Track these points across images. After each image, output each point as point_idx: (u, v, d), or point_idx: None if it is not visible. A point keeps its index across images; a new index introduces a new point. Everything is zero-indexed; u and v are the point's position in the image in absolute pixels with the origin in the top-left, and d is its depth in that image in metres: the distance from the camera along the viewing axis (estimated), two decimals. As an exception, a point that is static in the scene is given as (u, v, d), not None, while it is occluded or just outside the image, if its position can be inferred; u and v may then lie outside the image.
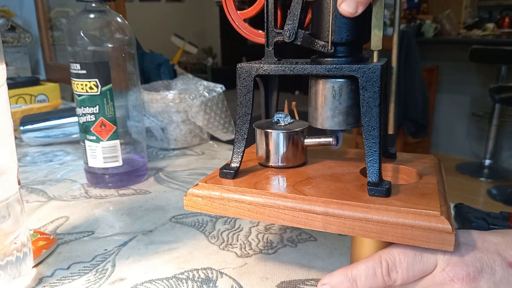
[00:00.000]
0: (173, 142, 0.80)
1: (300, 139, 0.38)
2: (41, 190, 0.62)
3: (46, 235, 0.46)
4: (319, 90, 0.34)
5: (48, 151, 0.81)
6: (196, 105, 0.77)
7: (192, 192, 0.35)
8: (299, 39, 0.34)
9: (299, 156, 0.39)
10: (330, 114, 0.34)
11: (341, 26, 0.31)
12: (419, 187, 0.33)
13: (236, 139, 0.37)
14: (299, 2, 0.33)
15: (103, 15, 0.58)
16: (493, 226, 0.44)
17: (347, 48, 0.33)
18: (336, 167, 0.38)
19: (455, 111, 3.17)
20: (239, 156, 0.37)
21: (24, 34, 1.82)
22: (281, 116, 0.39)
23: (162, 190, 0.61)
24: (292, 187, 0.34)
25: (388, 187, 0.31)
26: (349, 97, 0.34)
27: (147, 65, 2.28)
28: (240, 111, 0.36)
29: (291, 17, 0.34)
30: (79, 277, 0.40)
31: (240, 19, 0.38)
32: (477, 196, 2.59)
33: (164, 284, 0.39)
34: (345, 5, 0.29)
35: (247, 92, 0.35)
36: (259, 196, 0.33)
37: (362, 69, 0.31)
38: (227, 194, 0.34)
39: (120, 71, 0.59)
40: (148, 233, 0.49)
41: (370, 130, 0.32)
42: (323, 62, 0.33)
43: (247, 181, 0.36)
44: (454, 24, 3.19)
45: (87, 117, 0.58)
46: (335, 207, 0.30)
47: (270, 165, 0.38)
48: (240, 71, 0.35)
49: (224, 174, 0.36)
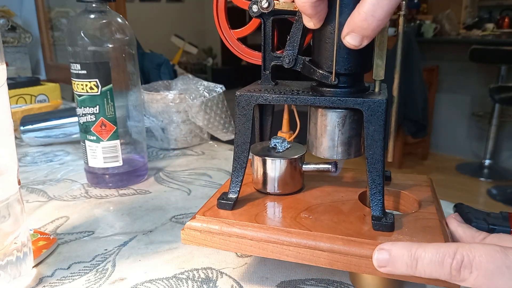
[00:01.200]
0: (173, 142, 0.80)
1: (299, 165, 0.37)
2: (41, 190, 0.62)
3: (46, 235, 0.46)
4: (320, 119, 0.34)
5: (48, 151, 0.81)
6: (196, 105, 0.77)
7: (190, 225, 0.34)
8: (298, 65, 0.34)
9: (297, 183, 0.38)
10: (332, 144, 0.34)
11: (344, 57, 0.31)
12: (421, 219, 0.32)
13: (234, 168, 0.35)
14: (299, 28, 0.33)
15: (103, 15, 0.58)
16: (493, 226, 0.44)
17: (349, 78, 0.32)
18: (334, 193, 0.38)
19: (455, 111, 3.17)
20: (238, 186, 0.36)
21: (24, 34, 1.82)
22: (278, 141, 0.38)
23: (162, 190, 0.61)
24: (294, 220, 0.33)
25: (392, 221, 0.31)
26: (351, 128, 0.33)
27: (147, 65, 2.28)
28: (238, 140, 0.35)
29: (291, 43, 0.33)
30: (79, 277, 0.40)
31: (234, 38, 0.37)
32: (477, 196, 2.59)
33: (164, 284, 0.39)
34: (349, 38, 0.28)
35: (247, 120, 0.34)
36: (261, 231, 0.32)
37: (367, 103, 0.30)
38: (227, 228, 0.33)
39: (120, 71, 0.59)
40: (148, 233, 0.49)
41: (374, 163, 0.31)
42: (326, 92, 0.32)
43: (247, 212, 0.34)
44: (454, 24, 3.19)
45: (87, 117, 0.58)
46: (340, 243, 0.30)
47: (268, 191, 0.37)
48: (239, 99, 0.34)
49: (222, 205, 0.35)
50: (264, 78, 0.36)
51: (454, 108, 3.17)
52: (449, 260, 0.26)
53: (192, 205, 0.56)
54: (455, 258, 0.26)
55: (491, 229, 0.45)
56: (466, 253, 0.26)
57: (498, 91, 2.64)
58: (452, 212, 0.50)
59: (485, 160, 2.94)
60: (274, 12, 0.34)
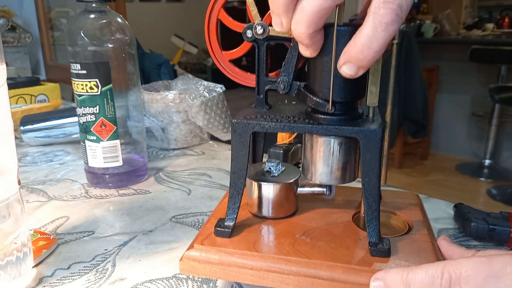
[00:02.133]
0: (173, 142, 0.80)
1: (294, 188, 0.38)
2: (41, 190, 0.62)
3: (46, 235, 0.46)
4: (316, 145, 0.34)
5: (48, 151, 0.81)
6: (196, 105, 0.77)
7: (188, 255, 0.34)
8: (293, 91, 0.34)
9: (292, 206, 0.38)
10: (328, 170, 0.34)
11: (340, 85, 0.31)
12: (414, 241, 0.34)
13: (231, 195, 0.35)
14: (294, 55, 0.33)
15: (103, 15, 0.58)
16: (493, 226, 0.44)
17: (344, 106, 0.32)
18: (328, 215, 0.38)
19: (455, 111, 3.17)
20: (235, 213, 0.35)
21: (24, 34, 1.82)
22: (273, 164, 0.38)
23: (162, 190, 0.61)
24: (292, 247, 0.33)
25: (388, 247, 0.32)
26: (347, 154, 0.34)
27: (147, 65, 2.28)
28: (235, 166, 0.34)
29: (286, 69, 0.33)
30: (79, 277, 0.40)
31: (226, 60, 0.37)
32: (477, 196, 2.59)
33: (164, 284, 0.39)
34: (346, 68, 0.28)
35: (244, 147, 0.34)
36: (261, 260, 0.32)
37: (364, 132, 0.31)
38: (227, 257, 0.33)
39: (120, 71, 0.59)
40: (148, 233, 0.49)
41: (371, 190, 0.32)
42: (321, 120, 0.32)
43: (244, 240, 0.34)
44: (454, 24, 3.19)
45: (87, 117, 0.58)
46: (340, 271, 0.30)
47: (263, 215, 0.38)
48: (236, 127, 0.33)
49: (220, 233, 0.35)
50: (258, 102, 0.36)
51: (454, 108, 3.17)
52: (438, 280, 0.26)
53: (192, 205, 0.56)
54: (443, 278, 0.26)
55: (491, 229, 0.45)
56: (453, 270, 0.26)
57: (498, 91, 2.64)
58: (452, 212, 0.50)
59: (485, 160, 2.94)
60: (268, 38, 0.34)
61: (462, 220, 0.47)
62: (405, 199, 0.41)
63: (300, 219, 0.37)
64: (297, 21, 0.28)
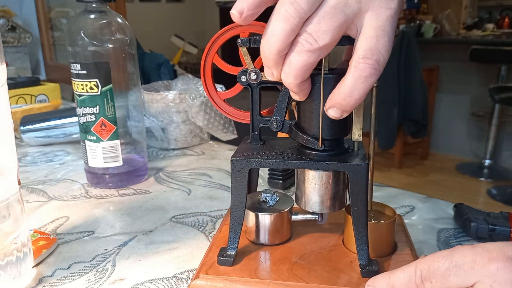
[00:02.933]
0: (173, 142, 0.80)
1: (288, 216, 0.41)
2: (41, 190, 0.62)
3: (46, 235, 0.46)
4: (308, 178, 0.37)
5: (48, 151, 0.81)
6: (196, 105, 0.77)
7: (195, 284, 0.36)
8: (285, 129, 0.37)
9: (287, 232, 0.41)
10: (319, 200, 0.37)
11: (328, 125, 0.34)
12: (399, 262, 0.37)
13: (231, 226, 0.38)
14: (285, 97, 0.36)
15: (103, 15, 0.58)
16: (493, 226, 0.44)
17: (332, 142, 0.36)
18: (320, 239, 0.41)
19: (455, 111, 3.17)
20: (236, 242, 0.38)
21: (24, 34, 1.82)
22: (268, 195, 0.41)
23: (162, 190, 0.61)
24: (291, 272, 0.36)
25: (377, 268, 0.35)
26: (336, 185, 0.37)
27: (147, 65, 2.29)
28: (234, 200, 0.37)
29: (278, 110, 0.37)
30: (79, 277, 0.40)
31: (221, 100, 0.41)
32: (477, 196, 2.59)
33: (164, 284, 0.39)
34: (331, 111, 0.32)
35: (242, 182, 0.37)
36: (263, 286, 0.35)
37: (352, 166, 0.34)
38: (231, 285, 0.35)
39: (120, 71, 0.59)
40: (148, 233, 0.49)
41: (360, 217, 0.35)
42: (312, 156, 0.36)
43: (246, 267, 0.37)
44: (454, 24, 3.19)
45: (87, 117, 0.58)
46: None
47: (261, 242, 0.41)
48: (235, 164, 0.36)
49: (223, 262, 0.37)
50: (253, 138, 0.40)
51: (454, 108, 3.17)
52: (413, 278, 0.30)
53: (192, 205, 0.56)
54: (416, 275, 0.30)
55: (491, 229, 0.45)
56: (422, 266, 0.29)
57: (498, 91, 2.64)
58: (453, 212, 0.50)
59: (485, 160, 2.94)
60: (261, 82, 0.38)
61: (462, 220, 0.47)
62: None
63: (295, 244, 0.41)
64: (286, 74, 0.31)
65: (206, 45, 0.39)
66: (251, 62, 0.38)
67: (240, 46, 0.36)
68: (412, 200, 0.56)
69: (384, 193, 0.59)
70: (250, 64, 0.38)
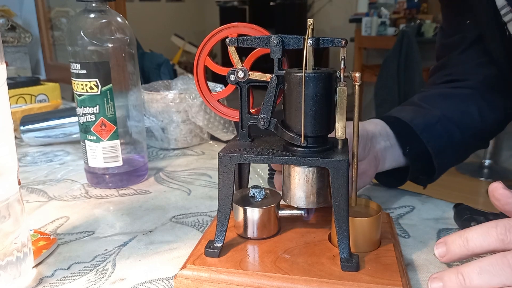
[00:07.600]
0: (173, 142, 0.80)
1: (275, 211, 0.42)
2: (41, 190, 0.62)
3: (46, 235, 0.46)
4: (293, 174, 0.39)
5: (48, 151, 0.81)
6: (196, 105, 0.77)
7: (182, 274, 0.37)
8: (272, 126, 0.39)
9: (274, 227, 0.42)
10: (304, 195, 0.39)
11: (311, 122, 0.36)
12: (381, 257, 0.38)
13: (219, 219, 0.39)
14: (271, 96, 0.38)
15: (103, 15, 0.58)
16: (493, 226, 0.44)
17: (316, 139, 0.37)
18: (307, 234, 0.42)
19: (455, 111, 3.16)
20: (223, 235, 0.39)
21: (24, 34, 1.82)
22: (257, 191, 0.43)
23: (162, 190, 0.61)
24: (274, 264, 0.37)
25: (357, 262, 0.36)
26: (319, 180, 0.38)
27: (147, 65, 2.29)
28: (222, 193, 0.39)
29: (265, 108, 0.38)
30: (79, 277, 0.40)
31: (214, 100, 0.42)
32: (477, 196, 2.59)
33: (164, 284, 0.39)
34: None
35: (229, 177, 0.38)
36: (246, 276, 0.36)
37: (332, 162, 0.35)
38: (216, 275, 0.37)
39: (120, 71, 0.59)
40: (148, 233, 0.49)
41: (341, 212, 0.36)
42: (296, 152, 0.37)
43: (232, 259, 0.38)
44: (454, 24, 3.19)
45: (87, 117, 0.58)
46: (315, 285, 0.35)
47: (248, 236, 0.42)
48: (222, 159, 0.38)
49: (209, 253, 0.39)
50: (241, 135, 0.41)
51: (454, 108, 3.16)
52: (493, 230, 0.31)
53: (192, 205, 0.56)
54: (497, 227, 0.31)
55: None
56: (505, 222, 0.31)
57: (498, 91, 2.63)
58: (452, 212, 0.50)
59: (485, 160, 2.94)
60: (249, 81, 0.39)
61: (462, 220, 0.47)
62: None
63: (281, 239, 0.42)
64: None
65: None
66: (239, 61, 0.39)
67: (229, 45, 0.38)
68: (412, 200, 0.56)
69: (384, 193, 0.59)
70: (238, 63, 0.39)
